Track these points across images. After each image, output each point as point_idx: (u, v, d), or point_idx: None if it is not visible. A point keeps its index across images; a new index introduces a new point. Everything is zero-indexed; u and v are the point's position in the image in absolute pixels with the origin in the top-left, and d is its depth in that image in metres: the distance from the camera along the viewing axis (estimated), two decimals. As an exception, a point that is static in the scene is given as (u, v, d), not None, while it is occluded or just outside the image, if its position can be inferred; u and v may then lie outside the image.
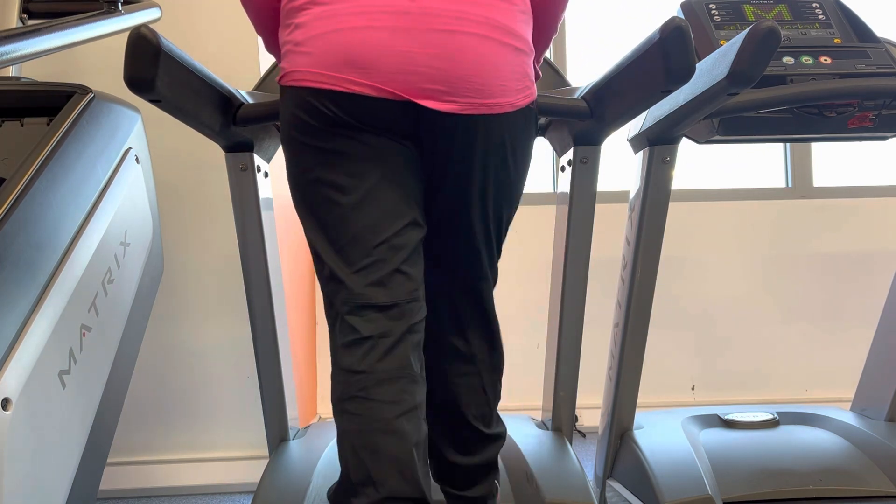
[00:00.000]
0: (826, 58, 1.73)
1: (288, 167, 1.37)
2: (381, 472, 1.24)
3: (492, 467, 1.53)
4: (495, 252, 1.47)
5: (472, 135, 1.30)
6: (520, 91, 1.32)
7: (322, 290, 1.41)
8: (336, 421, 1.31)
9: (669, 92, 1.42)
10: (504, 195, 1.40)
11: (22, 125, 1.57)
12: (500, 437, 1.54)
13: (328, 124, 1.28)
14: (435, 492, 1.46)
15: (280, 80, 1.33)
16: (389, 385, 1.28)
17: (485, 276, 1.47)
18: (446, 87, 1.25)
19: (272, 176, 1.85)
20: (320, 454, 1.83)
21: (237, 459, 2.41)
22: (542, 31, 1.42)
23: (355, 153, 1.30)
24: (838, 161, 3.26)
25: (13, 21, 1.93)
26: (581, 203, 1.82)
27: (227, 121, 1.57)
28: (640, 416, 2.08)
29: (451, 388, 1.47)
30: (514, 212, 1.47)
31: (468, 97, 1.26)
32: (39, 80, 1.87)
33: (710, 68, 1.46)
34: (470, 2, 1.26)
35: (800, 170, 3.20)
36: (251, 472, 2.10)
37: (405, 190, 1.34)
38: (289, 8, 1.32)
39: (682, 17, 1.69)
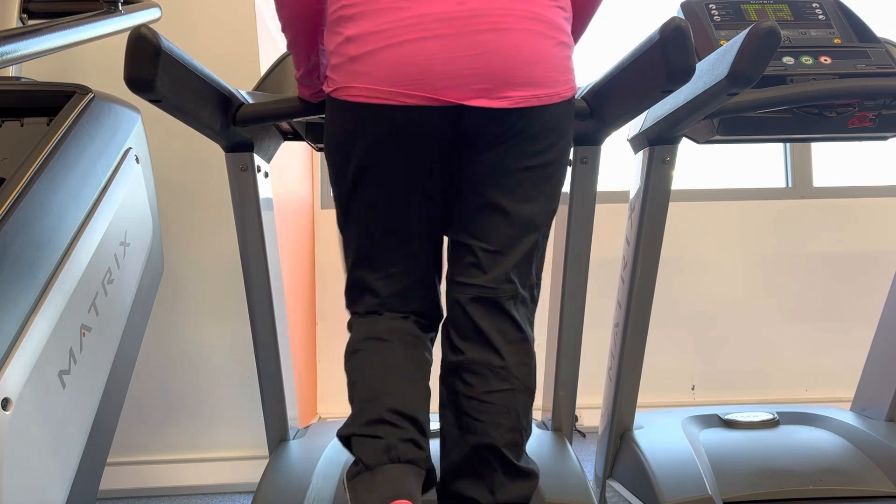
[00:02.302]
0: (826, 58, 1.73)
1: (333, 178, 1.43)
2: (385, 392, 1.35)
3: None
4: (540, 254, 1.44)
5: (523, 128, 1.32)
6: (566, 82, 1.35)
7: (347, 291, 1.49)
8: (346, 368, 1.43)
9: (669, 92, 1.42)
10: (550, 190, 1.41)
11: (22, 125, 1.57)
12: (533, 475, 1.39)
13: (379, 141, 1.33)
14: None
15: (332, 91, 1.34)
16: (401, 338, 1.42)
17: (530, 283, 1.43)
18: (496, 85, 1.28)
19: (272, 176, 1.85)
20: (320, 454, 1.83)
21: (237, 459, 2.41)
22: (575, 30, 1.44)
23: (400, 167, 1.35)
24: (838, 161, 3.26)
25: (13, 21, 1.93)
26: (581, 203, 1.82)
27: (227, 121, 1.57)
28: (640, 416, 2.08)
29: (478, 409, 1.36)
30: (556, 209, 1.45)
31: (519, 91, 1.29)
32: (39, 80, 1.87)
33: (710, 68, 1.46)
34: None
35: (800, 170, 3.20)
36: (251, 472, 2.10)
37: (435, 202, 1.41)
38: (338, 16, 1.32)
39: (682, 17, 1.69)
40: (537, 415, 2.04)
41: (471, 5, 1.26)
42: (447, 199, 1.43)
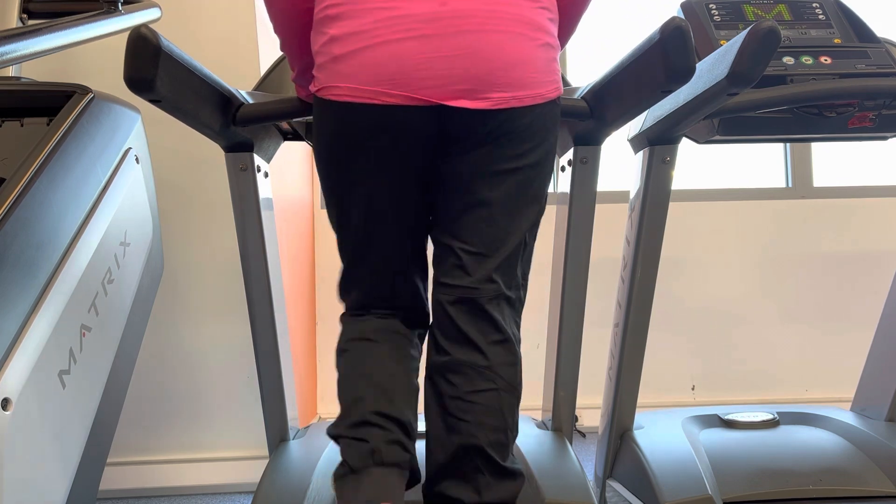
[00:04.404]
0: (826, 58, 1.72)
1: (322, 178, 1.44)
2: (371, 393, 1.39)
3: None
4: (527, 255, 1.44)
5: (506, 129, 1.32)
6: (549, 83, 1.34)
7: (340, 284, 1.52)
8: (337, 365, 1.47)
9: (669, 92, 1.42)
10: (535, 191, 1.40)
11: (22, 125, 1.57)
12: (518, 475, 1.39)
13: (362, 140, 1.33)
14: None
15: (317, 91, 1.35)
16: (389, 338, 1.46)
17: (516, 283, 1.43)
18: (477, 86, 1.28)
19: (272, 176, 1.85)
20: (320, 454, 1.83)
21: (237, 459, 2.41)
22: (563, 30, 1.44)
23: (384, 166, 1.36)
24: (838, 161, 3.25)
25: (13, 21, 1.93)
26: (581, 203, 1.82)
27: (227, 121, 1.57)
28: (640, 416, 2.08)
29: (462, 409, 1.36)
30: (543, 210, 1.44)
31: (500, 92, 1.29)
32: (39, 80, 1.87)
33: (710, 68, 1.46)
34: (499, 1, 1.28)
35: (800, 170, 3.20)
36: (251, 472, 2.09)
37: (421, 200, 1.41)
38: (323, 16, 1.32)
39: (682, 17, 1.69)
40: (537, 415, 2.05)
41: (453, 6, 1.26)
42: (433, 200, 1.43)
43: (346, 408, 1.41)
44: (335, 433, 1.41)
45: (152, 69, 1.30)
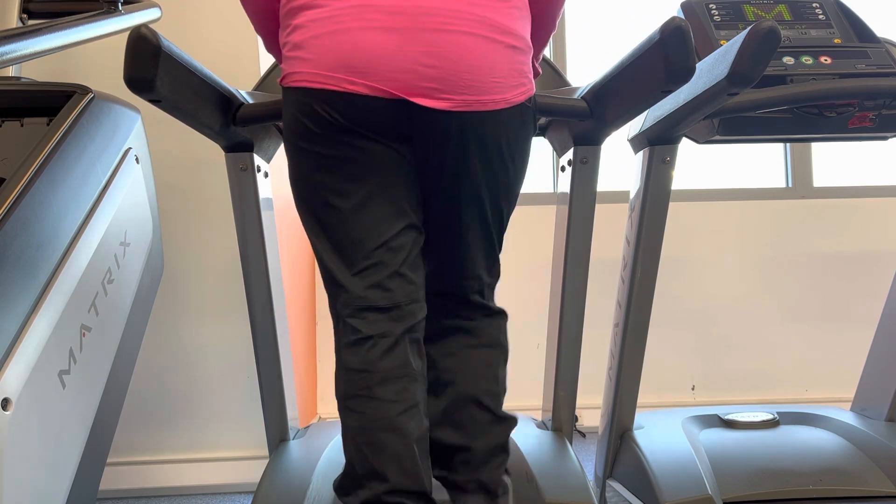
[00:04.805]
0: (826, 58, 1.73)
1: (290, 170, 1.39)
2: (385, 467, 1.30)
3: (502, 449, 1.46)
4: (496, 251, 1.47)
5: (466, 132, 1.31)
6: (515, 87, 1.32)
7: (325, 289, 1.43)
8: (341, 417, 1.37)
9: (669, 92, 1.42)
10: (501, 193, 1.40)
11: (22, 125, 1.57)
12: (511, 420, 1.48)
13: (326, 128, 1.30)
14: (439, 491, 1.43)
15: (281, 81, 1.35)
16: (391, 384, 1.33)
17: (482, 275, 1.47)
18: (440, 85, 1.26)
19: (272, 176, 1.85)
20: (320, 454, 1.83)
21: (237, 459, 2.41)
22: (539, 28, 1.43)
23: (353, 158, 1.32)
24: (838, 161, 3.25)
25: (13, 21, 1.93)
26: (581, 203, 1.82)
27: (227, 121, 1.57)
28: (640, 416, 2.08)
29: (457, 364, 1.45)
30: (512, 209, 1.46)
31: (462, 94, 1.27)
32: (39, 80, 1.87)
33: (710, 68, 1.46)
34: (464, 0, 1.27)
35: (800, 170, 3.20)
36: (251, 472, 2.10)
37: (402, 194, 1.37)
38: (287, 9, 1.32)
39: (682, 17, 1.69)
40: (537, 415, 2.05)
41: (417, 2, 1.25)
42: (411, 196, 1.39)
43: (360, 478, 1.32)
44: (346, 500, 1.35)
45: (152, 69, 1.30)
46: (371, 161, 1.32)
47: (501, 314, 1.52)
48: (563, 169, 1.84)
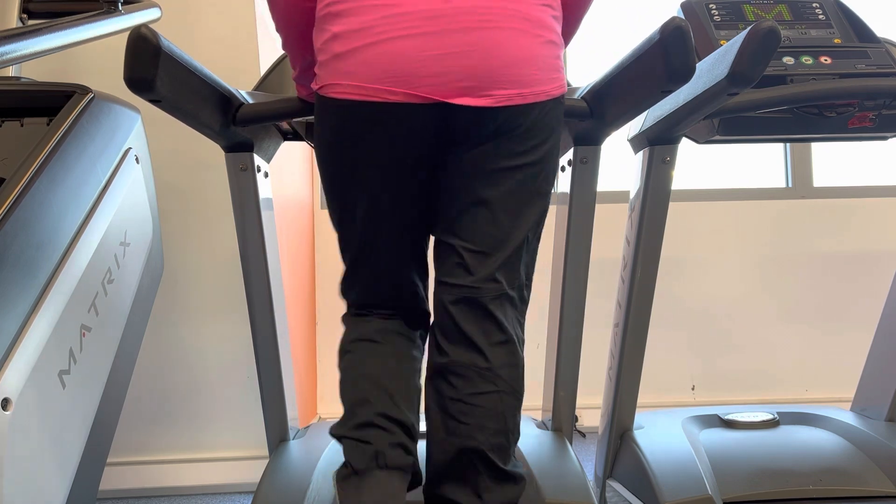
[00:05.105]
0: (826, 58, 1.72)
1: (321, 175, 1.45)
2: (375, 395, 1.41)
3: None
4: (530, 253, 1.43)
5: (509, 127, 1.32)
6: (552, 81, 1.33)
7: (343, 273, 1.53)
8: (340, 363, 1.48)
9: (669, 92, 1.42)
10: (537, 189, 1.39)
11: (22, 125, 1.57)
12: (520, 478, 1.38)
13: (361, 137, 1.33)
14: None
15: (318, 89, 1.35)
16: (390, 339, 1.48)
17: (519, 283, 1.42)
18: (480, 83, 1.27)
19: (272, 176, 1.85)
20: (320, 454, 1.83)
21: (237, 459, 2.41)
22: (566, 28, 1.44)
23: (382, 164, 1.36)
24: (838, 161, 3.25)
25: (13, 21, 1.93)
26: (581, 203, 1.82)
27: (227, 121, 1.57)
28: (640, 416, 2.08)
29: (463, 411, 1.35)
30: (547, 208, 1.43)
31: (503, 90, 1.28)
32: (39, 80, 1.87)
33: (710, 68, 1.46)
34: None
35: (800, 170, 3.20)
36: (251, 472, 2.10)
37: (421, 200, 1.41)
38: (325, 13, 1.32)
39: (682, 17, 1.69)
40: (537, 415, 2.05)
41: (456, 3, 1.26)
42: (434, 199, 1.42)
43: (350, 409, 1.43)
44: (338, 433, 1.42)
45: (152, 69, 1.30)
46: (402, 166, 1.36)
47: (517, 343, 1.46)
48: (562, 169, 1.84)
